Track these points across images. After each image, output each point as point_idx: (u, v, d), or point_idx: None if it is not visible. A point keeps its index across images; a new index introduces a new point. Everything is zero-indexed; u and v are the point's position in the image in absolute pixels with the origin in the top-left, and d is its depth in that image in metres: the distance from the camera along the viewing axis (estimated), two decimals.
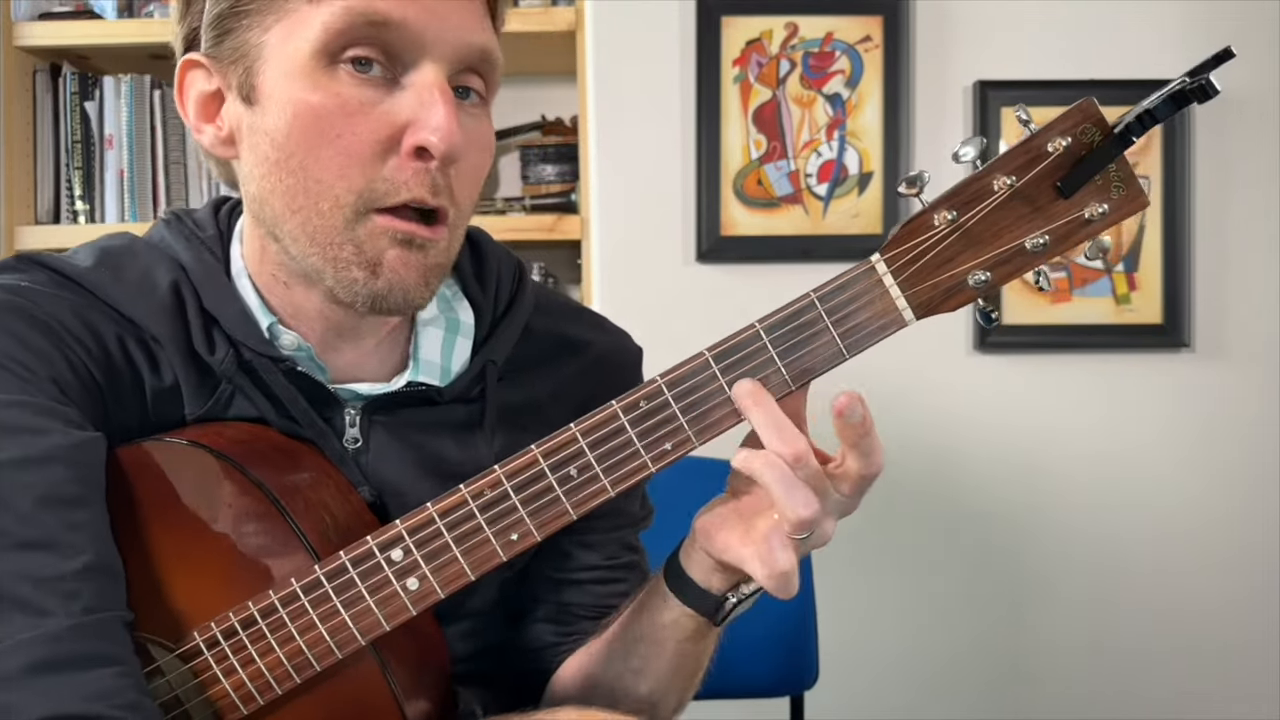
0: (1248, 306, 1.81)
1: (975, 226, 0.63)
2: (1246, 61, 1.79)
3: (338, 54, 0.65)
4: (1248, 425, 1.81)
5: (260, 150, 0.67)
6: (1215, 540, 1.81)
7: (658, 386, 0.65)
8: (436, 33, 0.65)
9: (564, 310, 0.86)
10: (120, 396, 0.69)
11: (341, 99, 0.64)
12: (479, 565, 0.67)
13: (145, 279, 0.71)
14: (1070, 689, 1.82)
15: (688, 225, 1.80)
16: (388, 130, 0.65)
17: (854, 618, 1.80)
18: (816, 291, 0.65)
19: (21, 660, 0.57)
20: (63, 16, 1.89)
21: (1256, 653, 1.81)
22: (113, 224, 1.86)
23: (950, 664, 1.83)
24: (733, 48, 1.80)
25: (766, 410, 0.64)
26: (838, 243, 1.78)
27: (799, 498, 0.62)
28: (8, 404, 0.62)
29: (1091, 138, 0.62)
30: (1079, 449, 1.81)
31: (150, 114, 1.88)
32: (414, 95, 0.65)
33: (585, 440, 0.65)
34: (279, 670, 0.67)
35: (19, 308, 0.66)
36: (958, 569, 1.83)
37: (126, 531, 0.66)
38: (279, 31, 0.66)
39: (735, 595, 0.72)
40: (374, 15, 0.63)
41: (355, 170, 0.65)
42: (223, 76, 0.69)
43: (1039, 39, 1.80)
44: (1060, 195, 0.62)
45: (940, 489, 1.82)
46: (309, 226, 0.67)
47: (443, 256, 0.70)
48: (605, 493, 0.66)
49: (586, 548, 0.85)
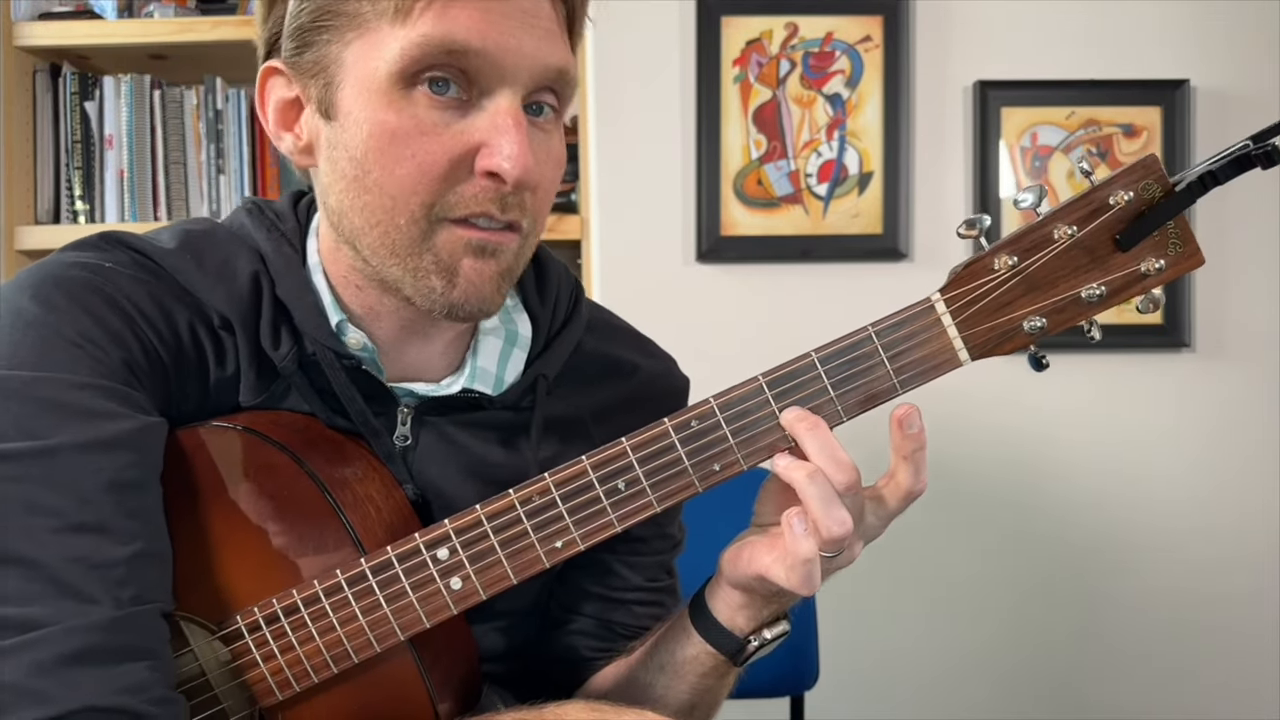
0: (1248, 306, 1.81)
1: (1035, 273, 0.64)
2: (1246, 61, 1.80)
3: (415, 77, 0.65)
4: (1248, 425, 1.81)
5: (339, 166, 0.68)
6: (1216, 540, 1.81)
7: (710, 408, 0.66)
8: (514, 59, 0.65)
9: (615, 332, 0.87)
10: (185, 382, 0.70)
11: (418, 120, 0.65)
12: (522, 570, 0.68)
13: (226, 266, 0.72)
14: (1070, 689, 1.83)
15: (688, 225, 1.80)
16: (461, 150, 0.66)
17: (854, 618, 1.80)
18: (875, 326, 0.66)
19: (61, 649, 0.58)
20: (63, 16, 1.89)
21: (1257, 652, 1.81)
22: (113, 224, 1.86)
23: (950, 664, 1.83)
24: (733, 48, 1.80)
25: (821, 437, 0.65)
26: (838, 243, 1.78)
27: (836, 515, 0.63)
28: (80, 386, 0.63)
29: (1152, 194, 0.63)
30: (1079, 449, 1.81)
31: (150, 114, 1.88)
32: (489, 119, 0.66)
33: (635, 455, 0.66)
34: (317, 659, 0.68)
35: (98, 288, 0.67)
36: (958, 569, 1.83)
37: (177, 512, 0.67)
38: (359, 48, 0.66)
39: (757, 639, 0.74)
40: (453, 44, 0.64)
41: (427, 185, 0.66)
42: (302, 87, 0.70)
43: (1039, 39, 1.80)
44: (1119, 248, 0.63)
45: (940, 489, 1.82)
46: (388, 240, 0.68)
47: (513, 261, 0.71)
48: (651, 508, 0.67)
49: (631, 568, 0.86)
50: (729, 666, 0.76)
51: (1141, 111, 1.79)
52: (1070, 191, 1.79)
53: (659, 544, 0.88)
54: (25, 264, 1.88)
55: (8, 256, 1.85)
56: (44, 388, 0.62)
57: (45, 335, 0.64)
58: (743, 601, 0.73)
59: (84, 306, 0.66)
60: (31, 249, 1.87)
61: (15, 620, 0.58)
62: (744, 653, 0.74)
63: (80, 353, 0.64)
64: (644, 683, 0.79)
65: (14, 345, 0.63)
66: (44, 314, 0.64)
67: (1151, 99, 1.79)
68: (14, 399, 0.62)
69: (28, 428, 0.61)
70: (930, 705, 1.83)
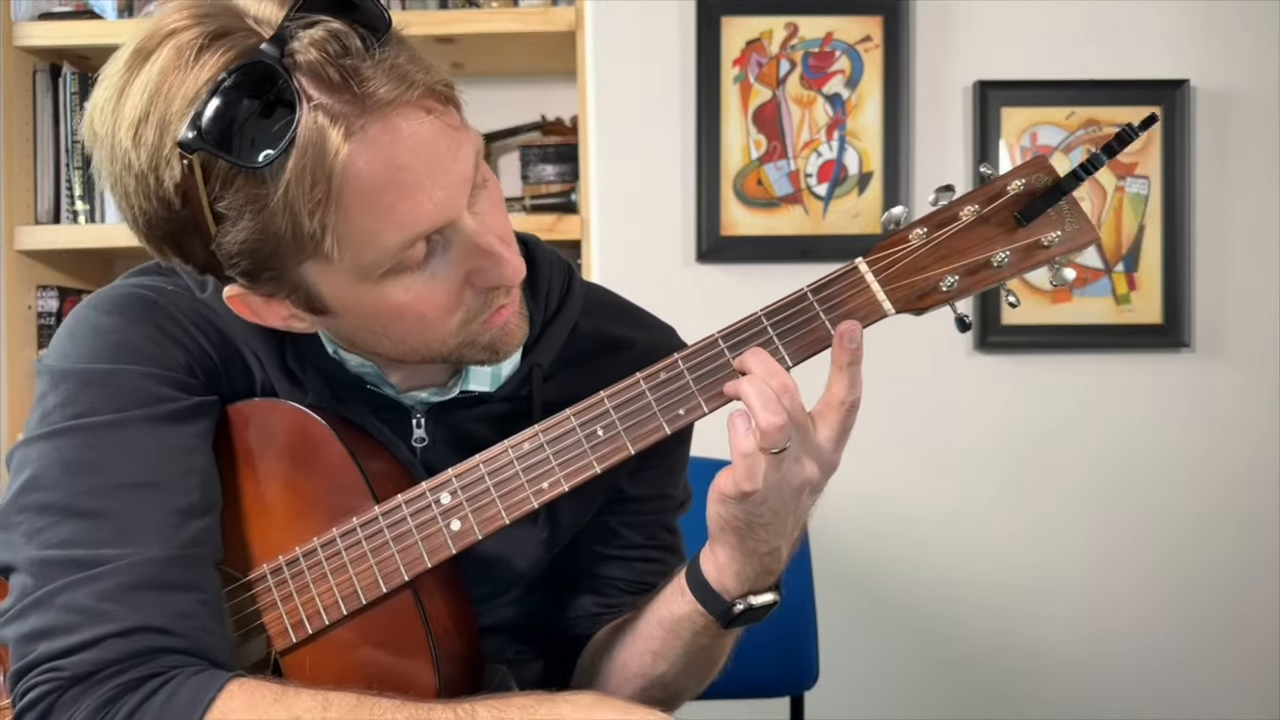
0: (1248, 306, 1.81)
1: (946, 242, 0.75)
2: (1246, 61, 1.80)
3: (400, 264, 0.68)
4: (1247, 425, 1.81)
5: (353, 334, 0.76)
6: (1215, 540, 1.81)
7: (675, 360, 0.75)
8: (456, 197, 0.68)
9: (610, 309, 0.92)
10: (234, 381, 0.80)
11: (415, 291, 0.70)
12: (514, 509, 0.75)
13: None
14: (1070, 688, 1.83)
15: (688, 225, 1.80)
16: (460, 291, 0.72)
17: (854, 618, 1.80)
18: (810, 286, 0.76)
19: (125, 579, 0.69)
20: (63, 16, 1.89)
21: (1256, 652, 1.81)
22: (112, 224, 1.86)
23: (950, 664, 1.83)
24: (733, 48, 1.80)
25: (761, 357, 0.73)
26: (838, 243, 1.78)
27: (772, 407, 0.70)
28: (147, 375, 0.75)
29: (1042, 182, 0.74)
30: (1078, 449, 1.81)
31: None
32: (463, 250, 0.70)
33: (611, 404, 0.75)
34: (329, 599, 0.76)
35: (161, 306, 0.78)
36: (957, 569, 1.83)
37: (224, 472, 0.77)
38: (313, 266, 0.68)
39: (743, 603, 0.77)
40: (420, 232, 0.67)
41: (447, 322, 0.72)
42: (279, 299, 0.72)
43: (1039, 39, 1.80)
44: (1020, 224, 0.74)
45: (940, 489, 1.82)
46: (425, 351, 0.75)
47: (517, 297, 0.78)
48: (626, 450, 0.75)
49: (631, 527, 0.92)
50: (717, 627, 0.79)
51: (1141, 111, 1.77)
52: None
53: (658, 503, 0.93)
54: (25, 264, 1.88)
55: (8, 256, 1.85)
56: (118, 377, 0.75)
57: (118, 339, 0.76)
58: (726, 557, 0.77)
59: (150, 319, 0.77)
60: (31, 249, 1.87)
61: (87, 559, 0.69)
62: (729, 615, 0.78)
63: (146, 351, 0.76)
64: (645, 634, 0.84)
65: (92, 348, 0.76)
66: (115, 323, 0.77)
67: (1151, 99, 1.79)
68: (93, 385, 0.74)
69: (102, 407, 0.73)
70: (930, 705, 1.83)
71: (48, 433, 0.73)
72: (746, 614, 0.78)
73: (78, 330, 0.77)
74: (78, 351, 0.76)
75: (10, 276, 1.85)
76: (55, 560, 0.70)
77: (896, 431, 1.77)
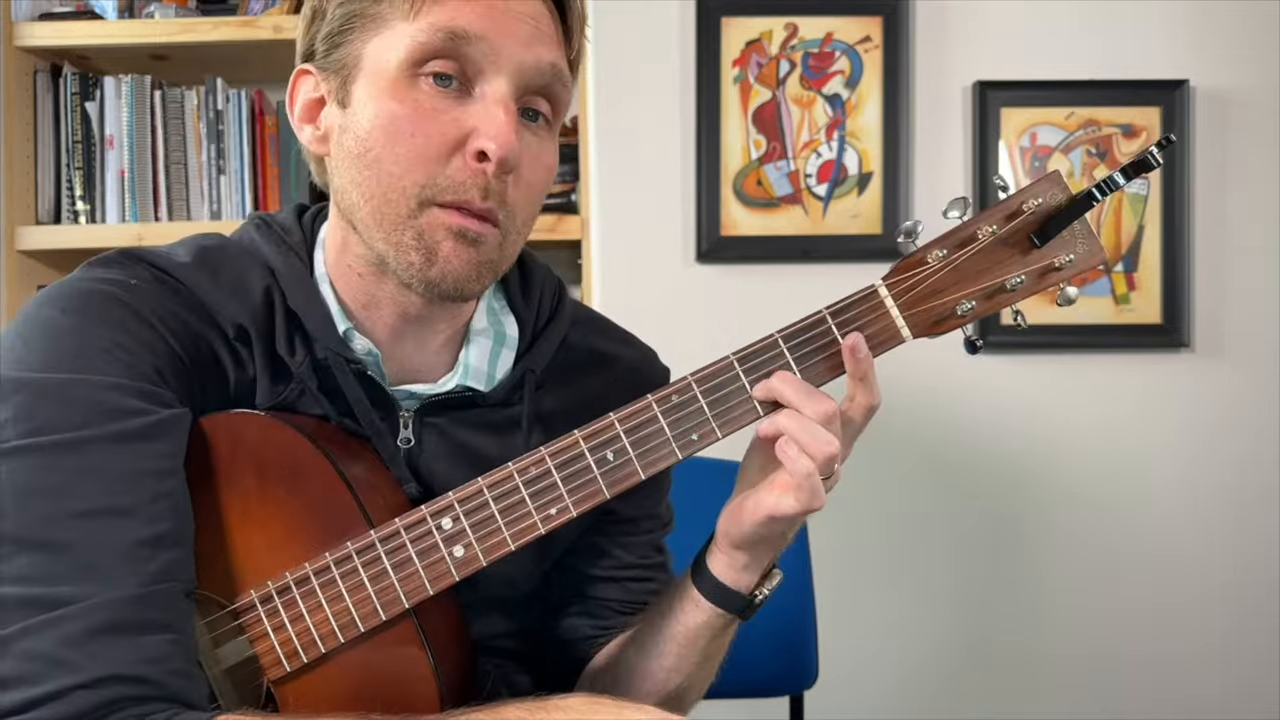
0: (1247, 306, 1.81)
1: (964, 264, 0.75)
2: (1246, 61, 1.80)
3: (420, 65, 0.72)
4: (1247, 425, 1.81)
5: (346, 146, 0.75)
6: (1215, 540, 1.81)
7: (688, 383, 0.74)
8: (510, 50, 0.72)
9: (597, 326, 0.94)
10: (206, 386, 0.75)
11: (419, 105, 0.72)
12: (520, 536, 0.73)
13: (240, 281, 0.77)
14: (1070, 689, 1.83)
15: (688, 225, 1.80)
16: (455, 134, 0.72)
17: (854, 618, 1.80)
18: (828, 308, 0.75)
19: (88, 623, 0.63)
20: (63, 17, 1.89)
21: (1256, 652, 1.81)
22: (113, 224, 1.86)
23: (949, 664, 1.83)
24: (732, 48, 1.80)
25: (794, 384, 0.73)
26: (837, 243, 1.78)
27: (821, 437, 0.71)
28: (110, 386, 0.68)
29: (1057, 200, 0.75)
30: (1078, 449, 1.81)
31: (151, 114, 1.89)
32: (481, 106, 0.72)
33: (622, 427, 0.73)
34: (325, 629, 0.72)
35: (124, 302, 0.72)
36: (957, 569, 1.83)
37: (196, 493, 0.72)
38: (376, 44, 0.74)
39: (760, 593, 0.80)
40: (454, 29, 0.71)
41: (421, 167, 0.72)
42: (326, 84, 0.77)
43: (1039, 39, 1.80)
44: (1034, 245, 0.75)
45: (940, 489, 1.82)
46: (378, 214, 0.74)
47: (494, 254, 0.76)
48: (636, 476, 0.73)
49: (624, 548, 0.92)
50: (736, 621, 0.82)
51: (1141, 112, 1.79)
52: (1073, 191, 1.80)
53: (648, 524, 0.94)
54: (26, 264, 1.88)
55: (8, 256, 1.86)
56: (77, 389, 0.68)
57: (78, 343, 0.69)
58: (746, 561, 0.78)
59: (112, 317, 0.71)
60: (32, 249, 1.87)
61: (45, 599, 0.63)
62: (752, 607, 0.81)
63: (110, 358, 0.69)
64: (658, 653, 0.84)
65: (48, 353, 0.69)
66: (75, 324, 0.70)
67: (1151, 99, 1.79)
68: (49, 399, 0.67)
69: (60, 424, 0.66)
70: (930, 705, 1.83)
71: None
72: (765, 599, 0.81)
73: (31, 333, 0.69)
74: (31, 358, 0.68)
75: (10, 276, 1.85)
76: (10, 599, 0.63)
77: (895, 431, 1.77)
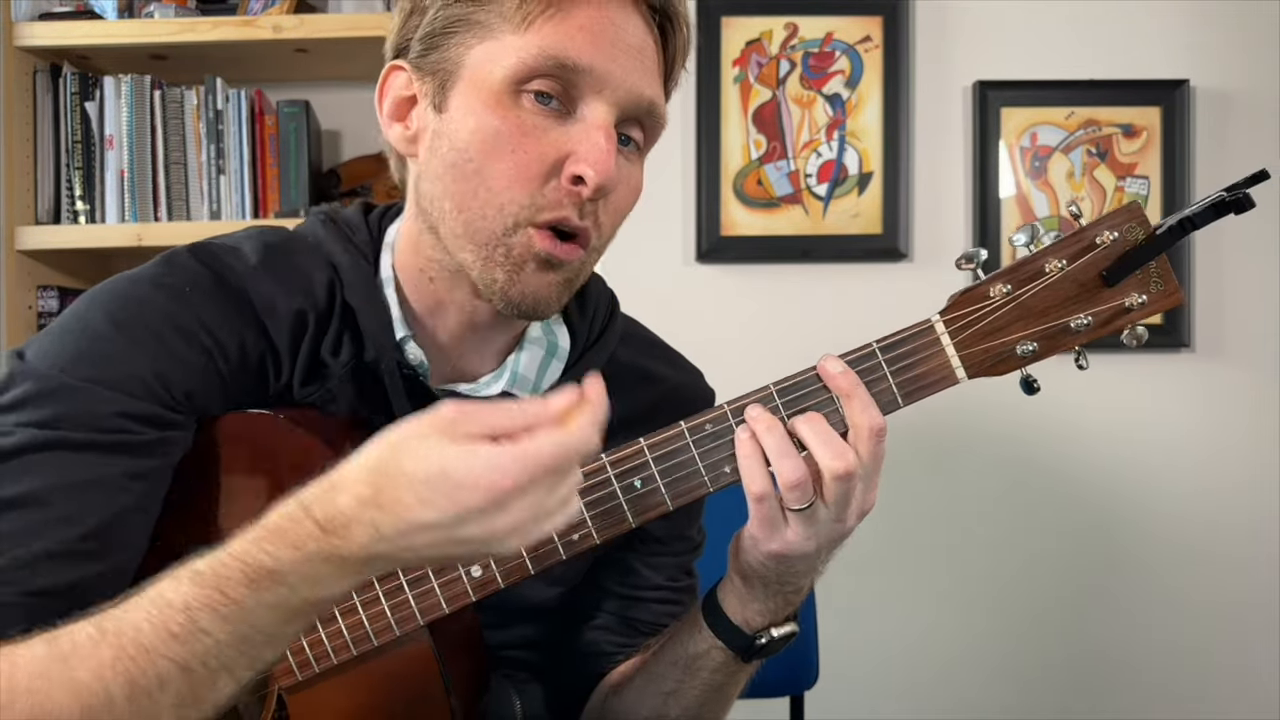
0: (1248, 307, 1.81)
1: (1028, 301, 0.70)
2: (1246, 61, 1.80)
3: (524, 83, 0.72)
4: (1248, 425, 1.81)
5: (440, 154, 0.74)
6: (1215, 540, 1.81)
7: (724, 413, 0.70)
8: (615, 81, 0.73)
9: (646, 344, 0.94)
10: (245, 390, 0.76)
11: (521, 123, 0.72)
12: (540, 561, 0.71)
13: (302, 276, 0.78)
14: (1068, 688, 1.83)
15: (688, 225, 1.80)
16: (555, 155, 0.72)
17: (854, 618, 1.80)
18: (879, 342, 0.71)
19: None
20: (63, 17, 1.89)
21: (1256, 652, 1.81)
22: (113, 224, 1.86)
23: (949, 664, 1.83)
24: (732, 48, 1.80)
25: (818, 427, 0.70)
26: (837, 243, 1.78)
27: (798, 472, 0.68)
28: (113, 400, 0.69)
29: (1135, 236, 0.69)
30: (1078, 449, 1.81)
31: (151, 114, 1.88)
32: (582, 130, 0.73)
33: (651, 455, 0.70)
34: (338, 641, 0.72)
35: (171, 315, 0.73)
36: (957, 569, 1.83)
37: (212, 492, 0.73)
38: (480, 53, 0.73)
39: (765, 636, 0.77)
40: (564, 58, 0.71)
41: (520, 185, 0.72)
42: (421, 85, 0.76)
43: (1039, 39, 1.80)
44: (1105, 284, 0.69)
45: (940, 488, 1.82)
46: (471, 226, 0.74)
47: (574, 274, 0.77)
48: (664, 506, 0.70)
49: (652, 568, 0.91)
50: (738, 664, 0.79)
51: (1141, 112, 1.79)
52: (1070, 191, 1.79)
53: (678, 545, 0.92)
54: (26, 264, 1.88)
55: (8, 257, 1.85)
56: (83, 395, 0.68)
57: (107, 353, 0.70)
58: (749, 594, 0.76)
59: (156, 332, 0.72)
60: (32, 249, 1.87)
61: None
62: (752, 649, 0.78)
63: (130, 378, 0.70)
64: (659, 675, 0.83)
65: (74, 354, 0.70)
66: (112, 336, 0.71)
67: (1151, 99, 1.79)
68: (52, 398, 0.68)
69: (52, 423, 0.67)
70: (930, 704, 1.83)
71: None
72: (767, 646, 0.78)
73: (72, 328, 0.71)
74: (58, 354, 0.70)
75: (10, 276, 1.85)
76: None
77: (894, 432, 1.77)
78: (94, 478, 0.67)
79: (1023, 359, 0.71)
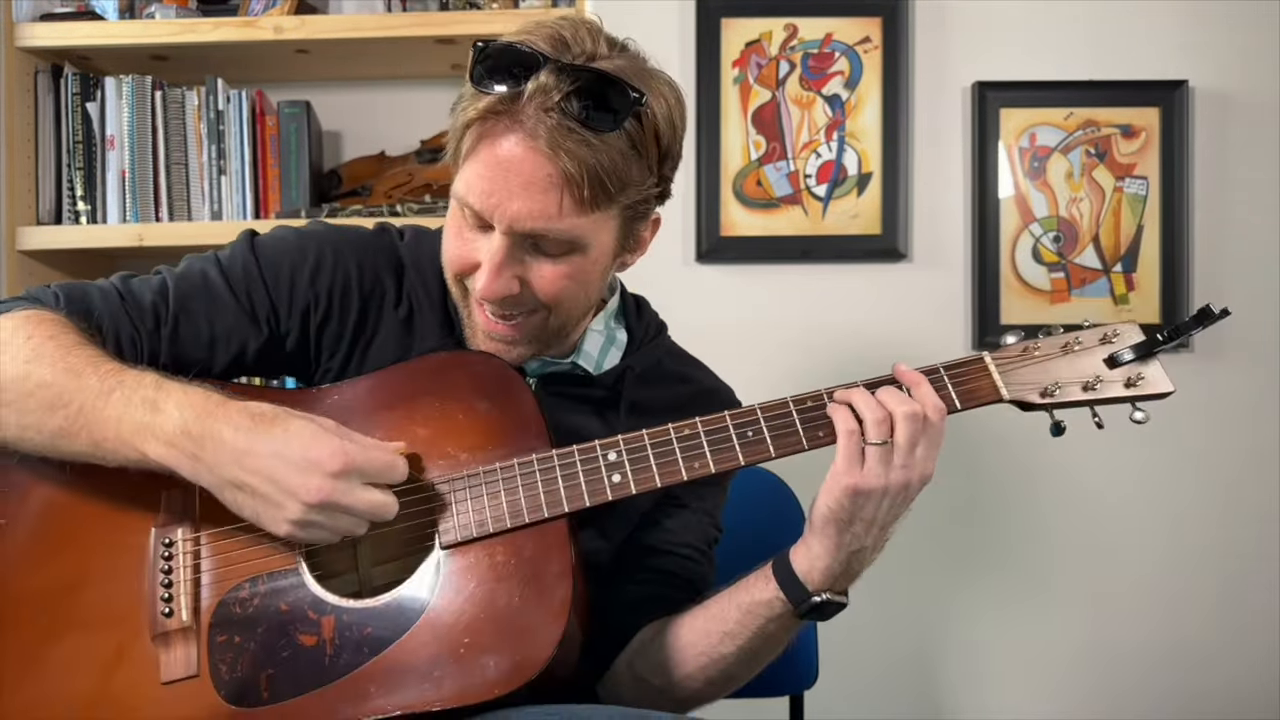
0: (1247, 306, 1.81)
1: (1052, 366, 1.02)
2: (1246, 62, 1.80)
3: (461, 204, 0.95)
4: (1247, 425, 1.81)
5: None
6: (1215, 540, 1.81)
7: (819, 391, 0.93)
8: (499, 214, 0.90)
9: (687, 359, 1.15)
10: (367, 311, 1.03)
11: (458, 226, 0.96)
12: (667, 476, 0.92)
13: (435, 260, 1.02)
14: (1068, 688, 1.83)
15: (688, 225, 1.80)
16: (474, 259, 0.95)
17: (854, 618, 1.80)
18: (944, 364, 0.98)
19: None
20: (64, 17, 1.89)
21: (1256, 652, 1.81)
22: (114, 224, 1.86)
23: (949, 664, 1.83)
24: (732, 49, 1.80)
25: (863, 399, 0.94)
26: (837, 243, 1.78)
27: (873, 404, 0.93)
28: (271, 280, 1.01)
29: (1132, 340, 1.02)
30: (1077, 449, 1.81)
31: (152, 115, 1.89)
32: (486, 246, 0.93)
33: (763, 415, 0.93)
34: (496, 511, 0.91)
35: (348, 242, 1.04)
36: (956, 569, 1.83)
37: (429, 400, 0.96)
38: None
39: (820, 596, 0.92)
40: (464, 199, 0.93)
41: (454, 270, 0.98)
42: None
43: (1038, 40, 1.81)
44: (1109, 366, 1.02)
45: (939, 488, 1.81)
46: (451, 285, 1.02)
47: (537, 333, 0.99)
48: (768, 454, 0.92)
49: (682, 525, 1.07)
50: (792, 618, 0.94)
51: (1140, 112, 1.80)
52: (1069, 191, 1.80)
53: (706, 520, 1.09)
54: (27, 264, 1.89)
55: (9, 257, 1.86)
56: (262, 255, 1.02)
57: (291, 243, 1.03)
58: (819, 547, 0.91)
59: (329, 246, 1.02)
60: (33, 249, 1.87)
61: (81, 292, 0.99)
62: (806, 603, 0.92)
63: (301, 256, 1.02)
64: (720, 615, 0.97)
65: (277, 237, 1.04)
66: (297, 240, 1.03)
67: (1150, 99, 1.79)
68: (242, 255, 1.02)
69: (220, 259, 1.02)
70: (930, 705, 1.83)
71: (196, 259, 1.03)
72: (820, 609, 0.93)
73: (297, 230, 1.05)
74: (279, 236, 1.04)
75: (11, 276, 1.86)
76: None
77: None
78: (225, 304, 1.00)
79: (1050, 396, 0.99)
